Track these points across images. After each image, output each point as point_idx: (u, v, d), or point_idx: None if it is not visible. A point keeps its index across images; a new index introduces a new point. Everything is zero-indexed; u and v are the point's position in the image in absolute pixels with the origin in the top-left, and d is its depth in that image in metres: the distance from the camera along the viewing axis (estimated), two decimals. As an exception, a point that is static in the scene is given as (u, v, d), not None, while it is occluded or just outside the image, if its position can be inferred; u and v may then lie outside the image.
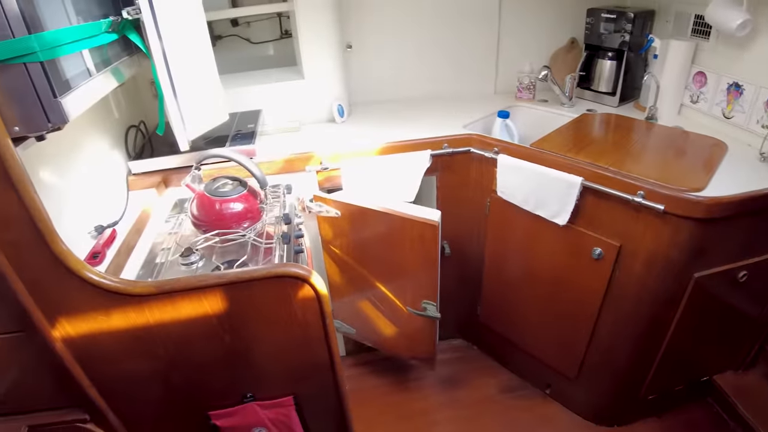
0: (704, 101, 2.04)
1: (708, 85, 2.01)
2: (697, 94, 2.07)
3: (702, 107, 2.05)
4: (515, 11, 2.38)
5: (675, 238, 1.52)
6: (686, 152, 1.80)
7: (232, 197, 1.53)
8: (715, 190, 1.48)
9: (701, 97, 2.05)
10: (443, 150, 1.93)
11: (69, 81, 1.14)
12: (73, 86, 1.15)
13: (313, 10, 2.07)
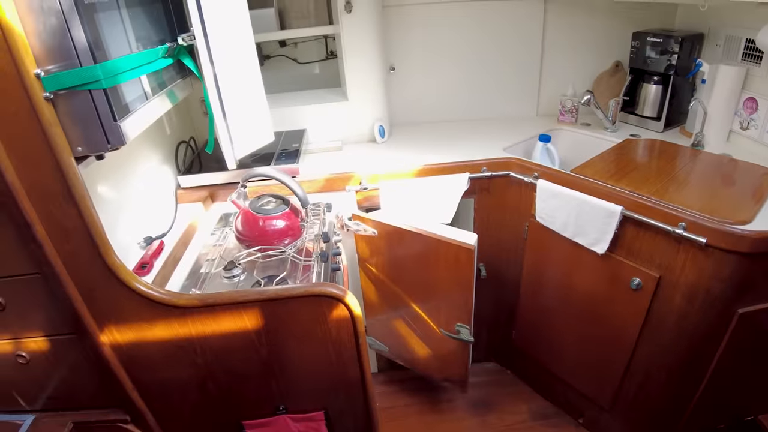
0: (755, 128, 1.97)
1: (759, 111, 1.95)
2: (747, 120, 2.01)
3: (752, 134, 1.98)
4: (559, 34, 2.38)
5: (718, 272, 1.48)
6: (733, 181, 1.75)
7: (274, 215, 1.59)
8: (763, 223, 1.44)
9: (752, 124, 1.99)
10: (482, 173, 1.94)
11: (128, 105, 1.22)
12: (132, 110, 1.23)
13: (357, 33, 2.13)
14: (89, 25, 1.08)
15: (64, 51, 1.06)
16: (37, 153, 1.11)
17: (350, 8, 2.04)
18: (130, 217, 1.59)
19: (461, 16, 2.31)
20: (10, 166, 1.11)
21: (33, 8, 1.03)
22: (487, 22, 2.33)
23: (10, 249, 1.22)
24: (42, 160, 1.12)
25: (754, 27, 1.82)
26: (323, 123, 2.26)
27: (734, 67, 1.98)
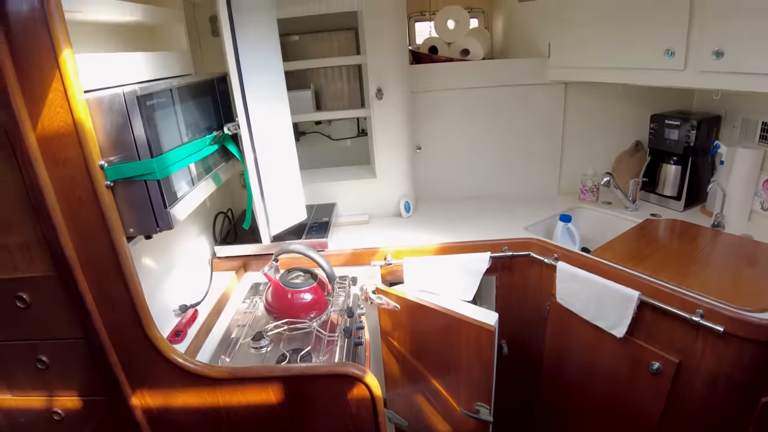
0: None
1: None
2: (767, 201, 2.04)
3: None
4: (579, 115, 2.48)
5: (738, 359, 1.47)
6: (755, 264, 1.76)
7: (302, 289, 1.68)
8: None
9: None
10: (503, 253, 2.00)
11: (177, 192, 1.35)
12: (180, 196, 1.36)
13: (387, 118, 2.29)
14: (148, 122, 1.23)
15: (125, 145, 1.22)
16: (94, 232, 1.24)
17: (381, 95, 2.20)
18: (168, 285, 1.71)
19: (484, 99, 2.45)
20: (69, 242, 1.25)
21: (103, 108, 1.19)
22: (509, 106, 2.46)
23: (62, 314, 1.35)
24: (98, 239, 1.25)
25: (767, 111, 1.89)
26: (352, 198, 2.39)
27: (752, 150, 2.03)
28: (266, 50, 1.73)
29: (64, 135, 1.15)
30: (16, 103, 1.12)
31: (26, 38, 1.08)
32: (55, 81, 1.12)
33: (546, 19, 2.32)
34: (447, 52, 2.61)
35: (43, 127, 1.15)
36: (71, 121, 1.14)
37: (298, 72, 2.53)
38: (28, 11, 1.07)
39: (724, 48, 1.72)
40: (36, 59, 1.10)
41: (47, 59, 1.10)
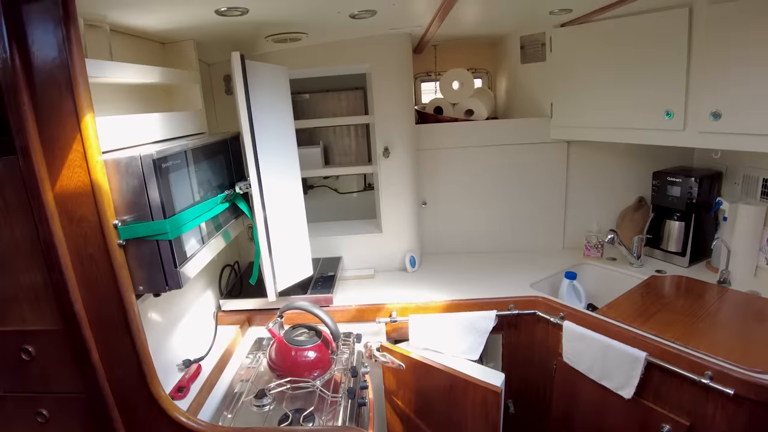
0: None
1: None
2: None
3: None
4: (582, 172, 2.53)
5: (751, 422, 1.44)
6: (763, 322, 1.75)
7: (306, 347, 1.67)
8: None
9: None
10: (509, 311, 2.00)
11: (188, 251, 1.38)
12: (191, 255, 1.39)
13: (393, 175, 2.34)
14: (163, 184, 1.27)
15: (140, 205, 1.26)
16: (104, 289, 1.27)
17: (388, 154, 2.27)
18: (173, 339, 1.71)
19: (489, 157, 2.51)
20: (79, 297, 1.27)
21: (120, 170, 1.24)
22: (513, 163, 2.51)
23: (66, 369, 1.35)
24: (107, 296, 1.27)
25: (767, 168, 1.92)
26: (358, 252, 2.42)
27: (754, 206, 2.05)
28: (278, 111, 1.80)
29: (81, 194, 1.19)
30: (37, 162, 1.16)
31: (51, 102, 1.14)
32: (75, 143, 1.17)
33: (548, 80, 2.40)
34: (452, 113, 2.69)
35: (62, 185, 1.19)
36: (89, 181, 1.19)
37: (309, 129, 2.62)
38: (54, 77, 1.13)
39: (722, 110, 1.78)
40: (59, 122, 1.15)
41: (70, 122, 1.15)
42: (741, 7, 1.68)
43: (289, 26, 1.82)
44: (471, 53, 2.95)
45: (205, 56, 2.11)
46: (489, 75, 2.99)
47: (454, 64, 2.75)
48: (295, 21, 1.74)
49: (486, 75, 2.99)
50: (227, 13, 1.48)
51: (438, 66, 2.86)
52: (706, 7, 1.76)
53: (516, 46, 2.55)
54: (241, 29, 1.76)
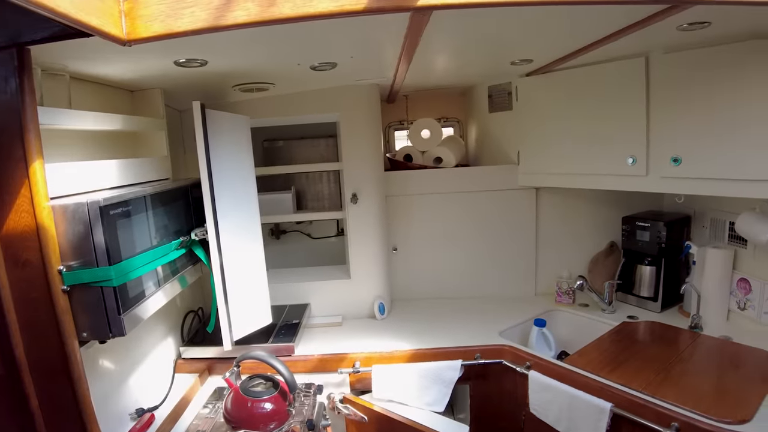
0: (752, 308, 1.99)
1: (753, 292, 1.98)
2: (743, 300, 2.03)
3: (751, 314, 1.99)
4: (552, 218, 2.54)
5: (720, 476, 1.40)
6: (735, 368, 1.73)
7: (263, 398, 1.61)
8: (764, 421, 1.40)
9: (748, 304, 2.00)
10: (475, 361, 1.95)
11: (136, 297, 1.34)
12: (139, 301, 1.35)
13: (361, 221, 2.33)
14: (110, 230, 1.25)
15: (85, 251, 1.23)
16: (46, 335, 1.22)
17: (356, 200, 2.27)
18: (127, 387, 1.64)
19: (459, 203, 2.52)
20: (20, 343, 1.22)
21: (67, 215, 1.22)
22: (483, 210, 2.53)
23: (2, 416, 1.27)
24: (49, 342, 1.23)
25: (734, 211, 1.95)
26: (326, 298, 2.37)
27: (722, 250, 2.06)
28: (238, 159, 1.81)
29: (27, 238, 1.17)
30: (-17, 205, 1.14)
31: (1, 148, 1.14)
32: (23, 188, 1.16)
33: (515, 128, 2.45)
34: (421, 160, 2.73)
35: (8, 229, 1.17)
36: (35, 225, 1.17)
37: (283, 175, 2.63)
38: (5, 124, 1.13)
39: (681, 155, 1.81)
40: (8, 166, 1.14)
41: (19, 168, 1.14)
42: (692, 57, 1.74)
43: (253, 77, 1.85)
44: (442, 102, 3.02)
45: (176, 103, 2.13)
46: (460, 123, 3.04)
47: (426, 113, 2.80)
48: (258, 72, 1.78)
49: (457, 123, 3.04)
50: (187, 65, 1.50)
51: (410, 115, 2.91)
52: (661, 56, 1.83)
53: (484, 96, 2.61)
54: (206, 79, 1.78)
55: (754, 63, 1.59)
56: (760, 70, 1.58)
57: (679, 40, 1.68)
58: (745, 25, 1.52)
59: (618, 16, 1.35)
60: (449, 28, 1.38)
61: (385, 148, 3.02)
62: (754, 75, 1.60)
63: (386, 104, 2.95)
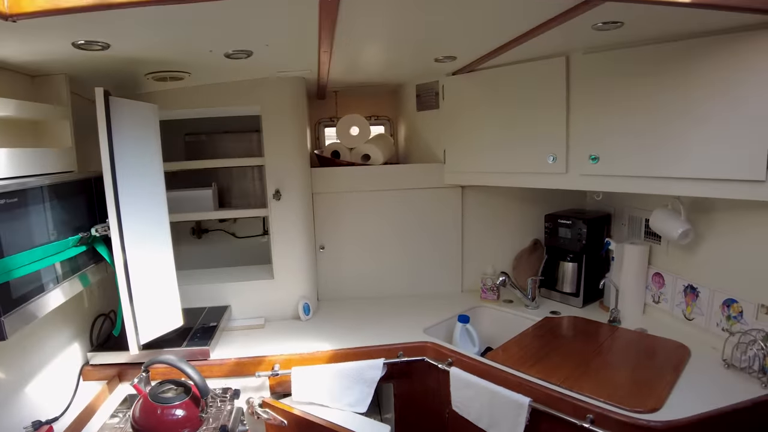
0: (665, 302, 2.08)
1: (666, 286, 2.07)
2: (658, 294, 2.12)
3: (665, 307, 2.08)
4: (477, 216, 2.56)
5: (632, 464, 1.43)
6: (648, 360, 1.79)
7: (173, 404, 1.51)
8: (673, 408, 1.45)
9: (662, 298, 2.09)
10: (398, 359, 1.92)
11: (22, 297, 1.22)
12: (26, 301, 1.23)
13: (285, 218, 2.25)
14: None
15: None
16: None
17: (279, 196, 2.19)
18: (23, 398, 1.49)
19: (387, 201, 2.49)
20: None
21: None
22: (411, 208, 2.51)
23: None
24: None
25: (650, 209, 2.02)
26: (248, 300, 2.27)
27: (638, 246, 2.14)
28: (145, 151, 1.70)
29: None
30: None
31: None
32: None
33: (441, 127, 2.45)
34: (349, 157, 2.68)
35: None
36: None
37: (205, 171, 2.50)
38: None
39: (599, 153, 1.86)
40: None
41: None
42: (609, 57, 1.79)
43: (164, 64, 1.74)
44: (373, 100, 2.99)
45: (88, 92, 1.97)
46: (391, 122, 3.02)
47: (357, 111, 2.76)
48: (168, 59, 1.67)
49: (388, 122, 3.02)
50: (87, 47, 1.38)
51: (339, 112, 2.86)
52: (581, 56, 1.87)
53: (412, 94, 2.61)
54: (114, 65, 1.66)
55: (667, 65, 1.65)
56: (673, 71, 1.64)
57: (597, 40, 1.73)
58: (657, 28, 1.57)
59: (534, 11, 1.36)
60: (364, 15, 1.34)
61: (315, 144, 2.96)
62: (667, 76, 1.66)
63: (317, 100, 2.89)
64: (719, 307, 1.81)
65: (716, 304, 1.82)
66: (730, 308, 1.77)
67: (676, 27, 1.56)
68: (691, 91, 1.61)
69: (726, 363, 1.68)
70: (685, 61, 1.61)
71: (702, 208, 1.87)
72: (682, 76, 1.62)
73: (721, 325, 1.80)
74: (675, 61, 1.63)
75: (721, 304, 1.80)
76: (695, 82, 1.59)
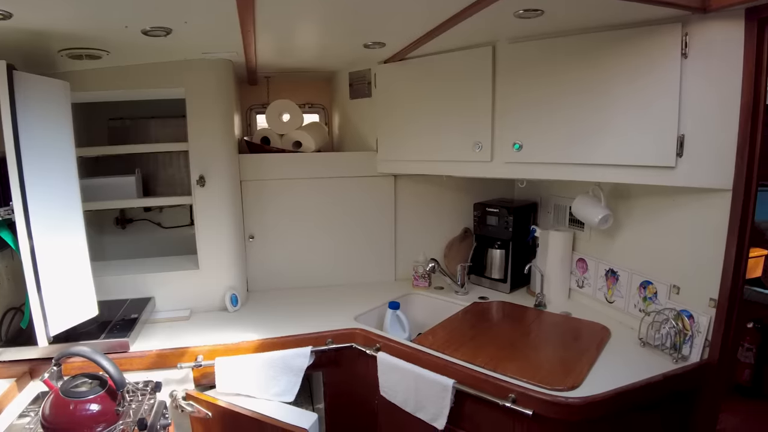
0: (589, 286, 2.17)
1: (589, 271, 2.16)
2: (582, 279, 2.21)
3: (588, 291, 2.18)
4: (410, 204, 2.59)
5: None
6: (570, 341, 1.86)
7: (86, 398, 1.43)
8: (591, 385, 1.51)
9: (586, 282, 2.19)
10: (326, 346, 1.91)
11: None
12: None
13: (211, 205, 2.18)
14: None
15: None
16: None
17: (203, 183, 2.11)
18: None
19: (319, 190, 2.46)
20: None
21: None
22: (343, 196, 2.50)
23: None
24: None
25: (572, 197, 2.10)
26: (173, 291, 2.18)
27: (562, 232, 2.23)
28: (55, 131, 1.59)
29: None
30: None
31: None
32: None
33: (373, 116, 2.45)
34: (279, 144, 2.62)
35: None
36: None
37: (129, 157, 2.39)
38: None
39: (523, 141, 1.91)
40: None
41: None
42: (533, 47, 1.84)
43: (78, 40, 1.64)
44: (307, 88, 2.94)
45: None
46: (325, 110, 2.99)
47: (291, 98, 2.70)
48: (81, 34, 1.57)
49: (323, 110, 2.99)
50: (-19, 14, 1.28)
51: (271, 98, 2.79)
52: (506, 45, 1.91)
53: (345, 82, 2.59)
54: (23, 39, 1.54)
55: (587, 55, 1.72)
56: (592, 61, 1.71)
57: (522, 30, 1.77)
58: (576, 18, 1.63)
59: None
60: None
61: (247, 131, 2.88)
62: (587, 66, 1.73)
63: (248, 86, 2.81)
64: (636, 289, 1.91)
65: (634, 287, 1.93)
66: (646, 290, 1.87)
67: (594, 18, 1.62)
68: (608, 80, 1.68)
69: (642, 341, 1.78)
70: (603, 52, 1.68)
71: (621, 195, 1.97)
72: (601, 66, 1.69)
73: (638, 306, 1.90)
74: (594, 51, 1.70)
75: (638, 286, 1.90)
76: (612, 71, 1.67)
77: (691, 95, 1.54)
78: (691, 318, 1.68)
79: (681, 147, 1.57)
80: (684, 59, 1.52)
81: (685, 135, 1.56)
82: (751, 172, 1.51)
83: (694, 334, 1.66)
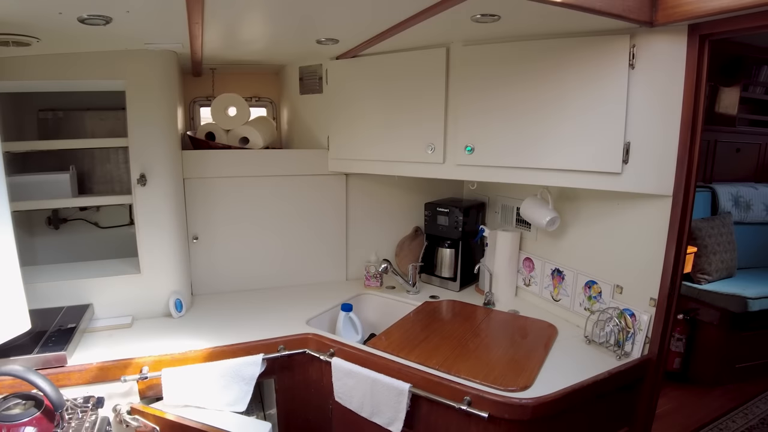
0: (535, 285, 2.24)
1: (536, 270, 2.23)
2: (528, 278, 2.28)
3: (534, 290, 2.24)
4: (361, 203, 2.56)
5: (507, 441, 1.51)
6: (520, 340, 1.91)
7: (19, 421, 1.33)
8: (542, 385, 1.56)
9: (533, 281, 2.25)
10: (278, 353, 1.86)
11: None
12: None
13: (153, 205, 2.06)
14: None
15: None
16: None
17: (144, 182, 1.99)
18: None
19: (267, 188, 2.39)
20: None
21: None
22: (293, 195, 2.43)
23: None
24: None
25: (521, 198, 2.14)
26: (113, 297, 2.04)
27: (510, 232, 2.28)
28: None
29: None
30: None
31: None
32: None
33: (325, 113, 2.40)
34: (225, 140, 2.51)
35: None
36: None
37: (63, 153, 2.22)
38: None
39: (474, 144, 1.93)
40: None
41: None
42: (487, 50, 1.86)
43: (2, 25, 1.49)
44: (255, 81, 2.84)
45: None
46: (273, 105, 2.90)
47: (237, 91, 2.59)
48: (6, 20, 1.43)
49: (271, 104, 2.90)
50: None
51: (216, 91, 2.67)
52: (461, 48, 1.91)
53: (295, 77, 2.52)
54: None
55: (539, 62, 1.75)
56: (543, 68, 1.74)
57: (477, 33, 1.78)
58: (531, 25, 1.65)
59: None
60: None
61: (189, 125, 2.75)
62: (538, 73, 1.76)
63: (192, 77, 2.68)
64: (582, 288, 1.99)
65: (579, 286, 2.00)
66: (591, 289, 1.95)
67: (548, 25, 1.65)
68: (559, 86, 1.72)
69: (587, 339, 1.85)
70: (555, 58, 1.72)
71: (568, 197, 2.03)
72: (553, 73, 1.73)
73: (583, 305, 1.98)
74: (546, 57, 1.73)
75: (583, 285, 1.98)
76: (563, 78, 1.71)
77: (638, 104, 1.60)
78: (633, 316, 1.76)
79: (627, 154, 1.63)
80: (631, 69, 1.58)
81: (630, 142, 1.62)
82: (689, 181, 1.60)
83: (636, 331, 1.75)
